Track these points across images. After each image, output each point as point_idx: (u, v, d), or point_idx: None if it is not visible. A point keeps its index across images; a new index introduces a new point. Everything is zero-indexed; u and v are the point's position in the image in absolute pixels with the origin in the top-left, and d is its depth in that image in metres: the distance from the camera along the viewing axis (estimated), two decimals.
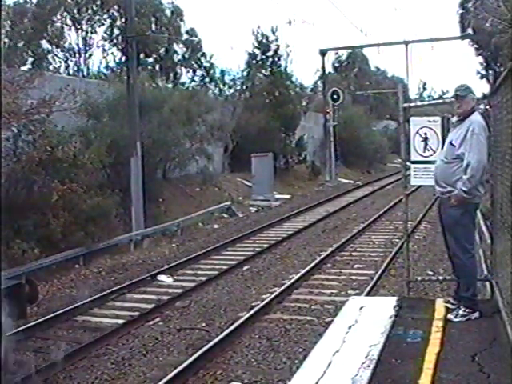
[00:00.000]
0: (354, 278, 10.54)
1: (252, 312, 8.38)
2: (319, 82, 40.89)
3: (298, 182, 28.33)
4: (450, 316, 5.28)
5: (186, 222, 17.12)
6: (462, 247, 5.27)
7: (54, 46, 26.65)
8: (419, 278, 7.95)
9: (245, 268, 11.66)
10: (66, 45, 26.73)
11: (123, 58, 23.06)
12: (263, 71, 29.39)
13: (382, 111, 51.21)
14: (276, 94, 28.18)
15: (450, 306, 5.50)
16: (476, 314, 5.23)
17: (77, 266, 12.35)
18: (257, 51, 29.43)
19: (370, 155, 38.46)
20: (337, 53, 44.90)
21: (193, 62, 30.34)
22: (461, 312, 5.24)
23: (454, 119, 5.46)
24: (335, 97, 32.60)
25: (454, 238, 5.31)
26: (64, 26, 26.27)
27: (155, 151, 17.50)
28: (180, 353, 7.21)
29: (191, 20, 68.48)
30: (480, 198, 5.48)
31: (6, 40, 22.72)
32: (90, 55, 27.42)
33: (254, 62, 29.43)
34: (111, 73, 26.59)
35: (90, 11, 26.46)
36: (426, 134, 6.23)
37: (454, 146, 5.26)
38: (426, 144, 6.24)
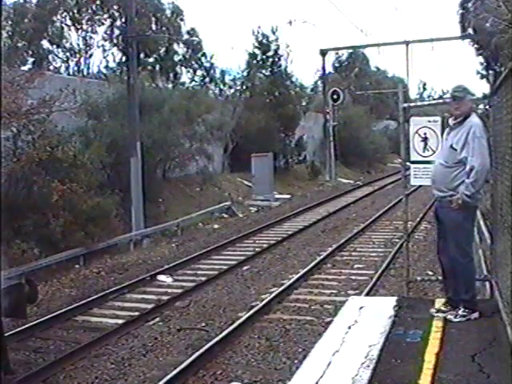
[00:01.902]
0: (353, 278, 10.54)
1: (252, 312, 8.38)
2: (319, 82, 40.91)
3: (297, 182, 28.32)
4: (449, 316, 5.26)
5: (186, 222, 17.11)
6: (463, 251, 5.22)
7: (54, 46, 26.67)
8: (419, 278, 7.95)
9: (245, 268, 11.66)
10: (67, 45, 26.76)
11: (123, 58, 23.07)
12: (263, 71, 29.38)
13: (382, 111, 51.12)
14: (276, 94, 28.18)
15: (442, 314, 5.36)
16: (476, 314, 5.22)
17: (77, 266, 12.35)
18: (257, 51, 29.40)
19: (369, 155, 38.45)
20: (337, 53, 44.91)
21: (193, 62, 30.34)
22: (460, 312, 5.22)
23: (451, 121, 5.36)
24: (335, 97, 32.60)
25: (454, 241, 5.23)
26: (64, 25, 26.29)
27: (155, 151, 17.51)
28: (180, 353, 7.21)
29: (191, 20, 68.34)
30: (480, 201, 5.46)
31: (6, 39, 22.70)
32: (91, 55, 27.46)
33: (255, 61, 29.39)
34: (111, 73, 26.59)
35: (90, 11, 26.46)
36: (425, 133, 6.21)
37: (455, 149, 5.14)
38: (425, 144, 6.23)
